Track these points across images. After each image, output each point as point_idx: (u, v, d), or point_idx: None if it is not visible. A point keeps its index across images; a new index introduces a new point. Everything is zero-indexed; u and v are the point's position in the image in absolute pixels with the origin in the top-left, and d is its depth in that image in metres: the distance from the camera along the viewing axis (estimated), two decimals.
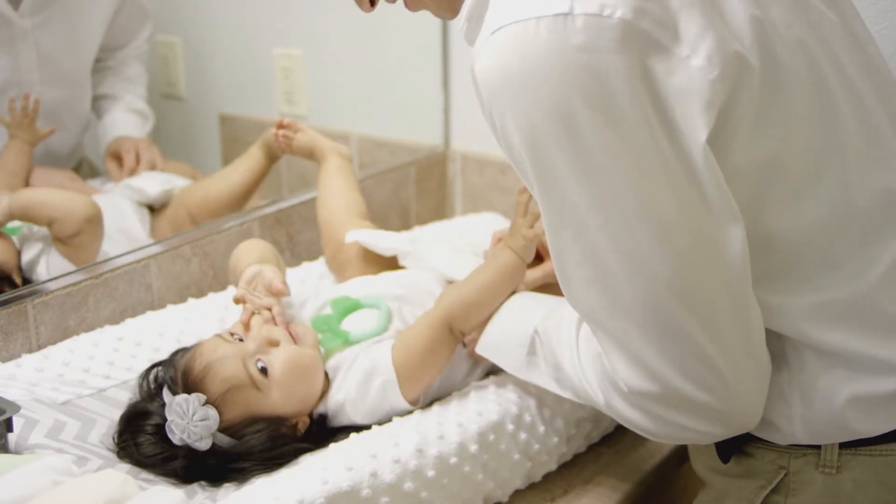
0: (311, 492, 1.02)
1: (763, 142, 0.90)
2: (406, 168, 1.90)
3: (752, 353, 0.92)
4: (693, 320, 0.89)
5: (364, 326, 1.26)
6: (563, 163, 0.86)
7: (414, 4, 1.04)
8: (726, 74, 0.86)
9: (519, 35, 0.84)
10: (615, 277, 0.89)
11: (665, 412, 0.93)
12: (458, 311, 1.21)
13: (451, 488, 1.12)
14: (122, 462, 1.17)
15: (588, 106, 0.84)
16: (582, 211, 0.87)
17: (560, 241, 0.91)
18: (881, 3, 1.38)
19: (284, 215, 1.68)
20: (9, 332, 1.32)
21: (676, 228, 0.87)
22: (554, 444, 1.23)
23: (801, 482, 1.00)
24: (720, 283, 0.89)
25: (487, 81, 0.87)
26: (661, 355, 0.90)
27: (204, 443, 1.13)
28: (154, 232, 1.66)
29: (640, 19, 0.84)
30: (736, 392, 0.91)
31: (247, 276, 1.27)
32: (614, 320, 0.91)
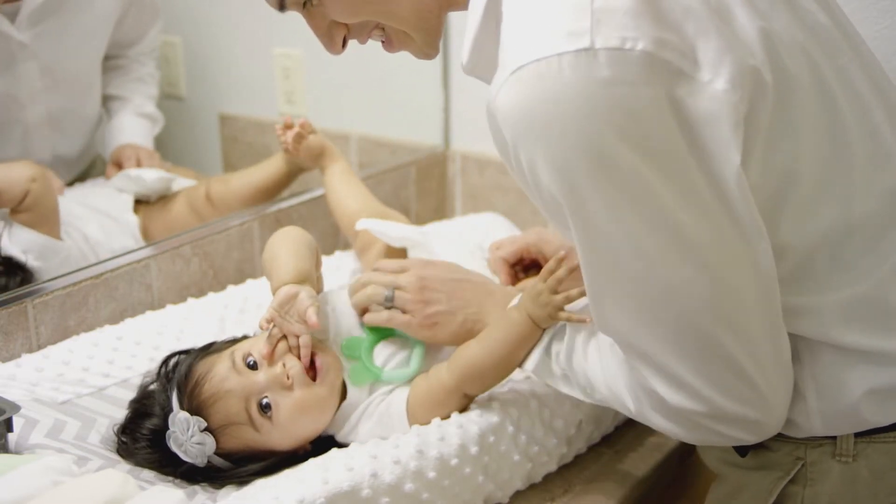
0: (311, 492, 1.01)
1: (777, 156, 0.91)
2: (406, 168, 1.90)
3: (781, 362, 0.95)
4: (731, 339, 0.90)
5: (397, 365, 1.22)
6: (598, 197, 0.86)
7: (393, 46, 1.04)
8: (745, 93, 0.87)
9: (542, 74, 0.84)
10: (653, 305, 0.90)
11: (706, 424, 0.96)
12: (471, 379, 1.17)
13: (451, 490, 1.12)
14: (122, 462, 1.17)
15: (620, 140, 0.84)
16: (617, 242, 0.88)
17: (595, 273, 0.93)
18: (881, 3, 1.38)
19: (284, 215, 1.68)
20: (9, 332, 1.32)
21: (711, 253, 0.88)
22: (554, 444, 1.23)
23: (818, 472, 1.02)
24: (754, 300, 0.91)
25: (512, 122, 0.87)
26: (701, 376, 0.92)
27: (199, 462, 1.14)
28: (148, 225, 1.67)
29: (662, 50, 0.84)
30: (770, 402, 0.94)
31: (281, 298, 1.17)
32: (653, 346, 0.93)
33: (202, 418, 1.12)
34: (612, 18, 0.84)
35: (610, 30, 0.83)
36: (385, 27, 1.03)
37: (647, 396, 0.98)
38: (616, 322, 0.95)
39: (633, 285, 0.91)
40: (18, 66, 1.62)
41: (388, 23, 1.02)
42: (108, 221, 1.63)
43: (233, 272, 1.61)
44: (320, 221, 1.73)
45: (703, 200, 0.87)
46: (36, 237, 1.46)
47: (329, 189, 1.56)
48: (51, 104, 1.68)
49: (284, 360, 1.15)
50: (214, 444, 1.13)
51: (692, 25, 0.86)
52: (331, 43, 1.04)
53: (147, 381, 1.22)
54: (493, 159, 1.88)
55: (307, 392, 1.14)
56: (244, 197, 1.68)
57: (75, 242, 1.55)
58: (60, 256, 1.49)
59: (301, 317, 1.15)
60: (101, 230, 1.60)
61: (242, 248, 1.62)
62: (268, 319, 1.16)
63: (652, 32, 0.84)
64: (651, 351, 0.94)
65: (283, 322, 1.16)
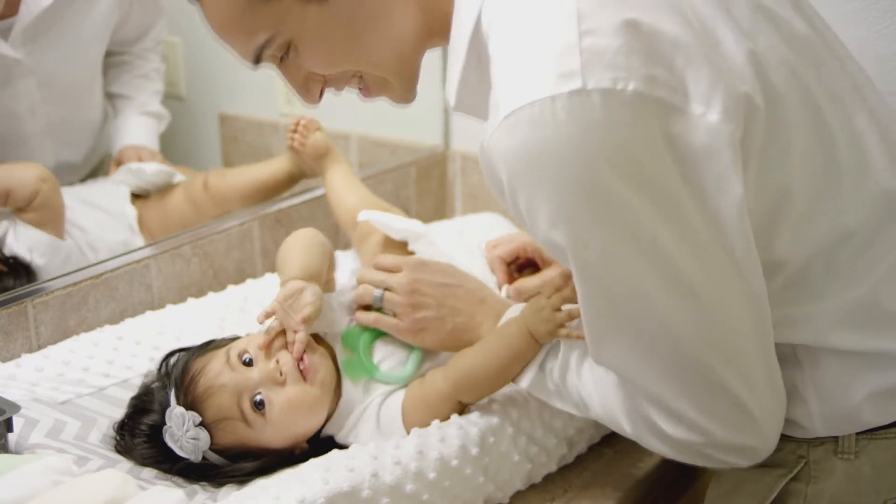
0: (311, 492, 1.01)
1: (770, 175, 0.92)
2: (406, 168, 1.90)
3: (774, 387, 0.95)
4: (727, 370, 0.91)
5: (394, 365, 1.22)
6: (596, 237, 0.87)
7: (371, 93, 1.04)
8: (739, 121, 0.87)
9: (536, 117, 0.84)
10: (651, 340, 0.91)
11: (702, 452, 0.97)
12: (466, 388, 1.17)
13: (452, 490, 1.11)
14: (122, 462, 1.17)
15: (617, 180, 0.84)
16: (616, 280, 0.89)
17: (593, 309, 0.93)
18: (881, 4, 1.38)
19: (284, 215, 1.68)
20: (9, 332, 1.32)
21: (707, 288, 0.88)
22: (553, 445, 1.23)
23: (821, 470, 1.03)
24: (749, 331, 0.91)
25: (509, 166, 0.87)
26: (699, 408, 0.93)
27: (194, 457, 1.14)
28: (145, 216, 1.67)
29: (653, 88, 0.84)
30: (764, 429, 0.95)
31: (287, 291, 1.18)
32: (650, 380, 0.94)
33: (197, 413, 1.13)
34: (602, 58, 0.83)
35: (601, 70, 0.83)
36: (363, 75, 1.02)
37: (644, 423, 0.99)
38: (613, 356, 0.95)
39: (630, 321, 0.91)
40: (16, 83, 1.61)
41: (367, 70, 1.01)
42: (104, 216, 1.63)
43: (233, 272, 1.61)
44: (320, 221, 1.73)
45: (699, 237, 0.87)
46: (41, 236, 1.47)
47: (330, 186, 1.57)
48: (51, 115, 1.68)
49: (279, 357, 1.16)
50: (209, 439, 1.13)
51: (681, 58, 0.86)
52: (308, 95, 1.03)
53: (149, 380, 1.23)
54: None
55: (299, 389, 1.15)
56: (241, 191, 1.69)
57: (74, 240, 1.55)
58: (62, 255, 1.49)
59: (301, 310, 1.16)
60: (97, 224, 1.60)
61: (242, 248, 1.62)
62: (268, 311, 1.17)
63: (642, 70, 0.84)
64: (648, 384, 0.94)
65: (284, 315, 1.16)
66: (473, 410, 1.19)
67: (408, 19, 0.98)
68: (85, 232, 1.57)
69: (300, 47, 0.97)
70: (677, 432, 0.95)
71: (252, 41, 0.96)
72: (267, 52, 0.97)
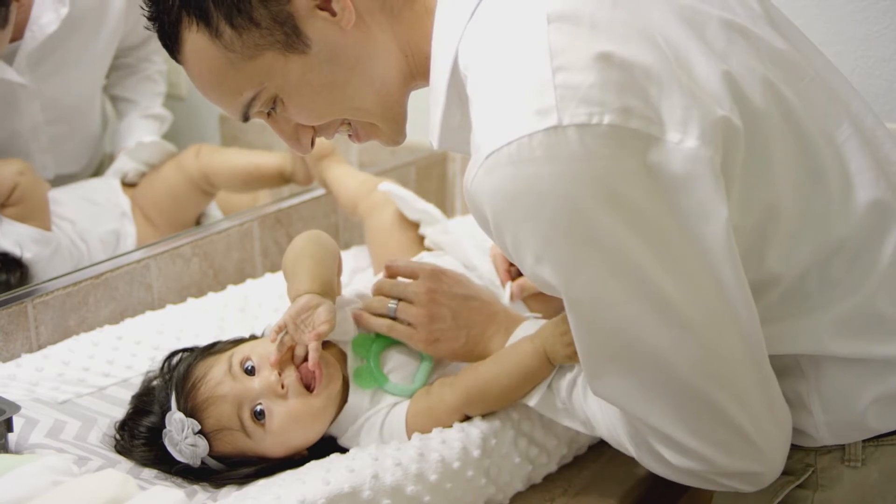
0: (312, 492, 1.01)
1: (755, 194, 0.91)
2: (406, 168, 1.90)
3: (774, 411, 0.95)
4: (724, 396, 0.91)
5: (403, 375, 1.21)
6: (582, 270, 0.87)
7: (360, 138, 1.04)
8: (718, 145, 0.86)
9: (514, 156, 0.84)
10: (646, 370, 0.91)
11: (706, 478, 0.97)
12: (474, 402, 1.16)
13: (454, 493, 1.11)
14: (122, 462, 1.17)
15: (598, 212, 0.84)
16: (605, 313, 0.89)
17: (586, 343, 0.93)
18: (881, 4, 1.38)
19: (284, 215, 1.68)
20: (9, 332, 1.32)
21: (696, 316, 0.88)
22: (554, 446, 1.23)
23: (828, 477, 1.04)
24: (743, 355, 0.91)
25: (492, 207, 0.87)
26: (698, 437, 0.93)
27: (193, 462, 1.14)
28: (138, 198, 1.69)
29: (628, 120, 0.84)
30: (767, 454, 0.95)
31: (299, 306, 1.15)
32: (648, 411, 0.94)
33: (196, 421, 1.12)
34: (576, 93, 0.83)
35: (575, 105, 0.83)
36: (352, 122, 1.02)
37: (647, 450, 0.99)
38: (610, 389, 0.95)
39: (622, 355, 0.91)
40: (20, 105, 1.62)
41: (354, 117, 1.01)
42: (94, 207, 1.64)
43: (233, 272, 1.61)
44: (320, 221, 1.74)
45: (686, 266, 0.87)
46: (26, 230, 1.46)
47: (334, 174, 1.57)
48: (53, 134, 1.68)
49: (282, 368, 1.15)
50: (207, 447, 1.13)
51: (654, 88, 0.86)
52: (299, 145, 1.03)
53: (151, 376, 1.22)
54: None
55: (301, 402, 1.14)
56: (228, 168, 1.70)
57: (63, 231, 1.55)
58: (52, 246, 1.48)
59: (315, 328, 1.14)
60: (86, 215, 1.60)
61: (242, 248, 1.62)
62: (280, 327, 1.15)
63: (616, 103, 0.83)
64: (646, 416, 0.94)
65: (296, 331, 1.15)
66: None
67: (390, 63, 0.98)
68: (74, 223, 1.57)
69: (286, 100, 0.97)
70: (680, 461, 0.96)
71: (238, 99, 0.96)
72: (254, 108, 0.98)
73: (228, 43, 0.92)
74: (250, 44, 0.92)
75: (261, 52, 0.93)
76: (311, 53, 0.94)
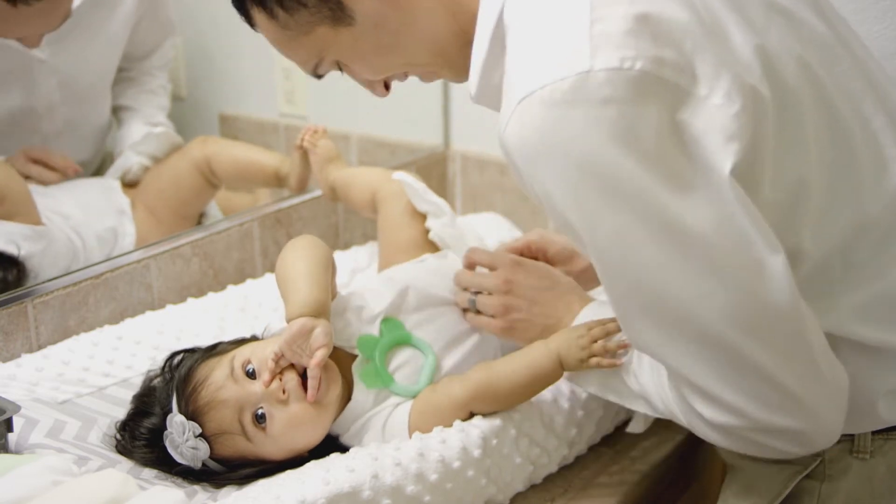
0: (312, 492, 1.01)
1: (786, 170, 0.93)
2: (406, 168, 1.89)
3: (819, 370, 0.94)
4: (755, 349, 0.91)
5: (408, 374, 1.20)
6: (606, 215, 0.88)
7: (428, 77, 1.09)
8: (746, 107, 0.88)
9: (545, 100, 0.86)
10: (674, 320, 0.92)
11: (751, 437, 0.96)
12: (483, 399, 1.16)
13: (454, 493, 1.11)
14: (122, 461, 1.17)
15: (622, 155, 0.86)
16: (631, 258, 0.90)
17: (616, 293, 0.94)
18: (882, 3, 1.38)
19: (284, 215, 1.68)
20: (9, 332, 1.32)
21: (722, 262, 0.89)
22: (554, 446, 1.23)
23: (836, 468, 1.04)
24: (773, 309, 0.91)
25: (522, 150, 0.89)
26: (732, 389, 0.93)
27: (194, 465, 1.14)
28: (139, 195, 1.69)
29: (660, 68, 0.86)
30: (811, 410, 0.94)
31: (294, 332, 1.12)
32: (681, 361, 0.94)
33: (198, 424, 1.12)
34: (610, 40, 0.86)
35: (609, 50, 0.85)
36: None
37: (690, 410, 0.99)
38: (643, 338, 0.96)
39: (652, 303, 0.92)
40: (38, 82, 1.62)
41: (413, 71, 1.08)
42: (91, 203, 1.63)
43: (233, 272, 1.61)
44: (320, 221, 1.74)
45: (706, 211, 0.88)
46: (15, 227, 1.45)
47: (343, 172, 1.56)
48: (68, 114, 1.69)
49: (283, 374, 1.14)
50: (208, 450, 1.13)
51: (690, 42, 0.88)
52: (375, 92, 1.12)
53: (152, 377, 1.22)
54: (493, 159, 1.88)
55: (302, 408, 1.14)
56: (230, 158, 1.71)
57: (56, 226, 1.54)
58: (45, 241, 1.48)
59: (312, 353, 1.13)
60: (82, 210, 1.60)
61: (242, 248, 1.62)
62: (277, 354, 1.13)
63: (650, 51, 0.86)
64: (680, 367, 0.95)
65: (294, 356, 1.14)
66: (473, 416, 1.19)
67: (435, 24, 1.03)
68: (68, 218, 1.57)
69: (347, 64, 1.07)
70: (716, 416, 0.95)
71: (306, 65, 1.08)
72: (321, 70, 1.09)
73: (283, 23, 1.03)
74: (302, 22, 1.02)
75: (313, 28, 1.02)
76: (356, 24, 1.02)
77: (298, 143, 1.61)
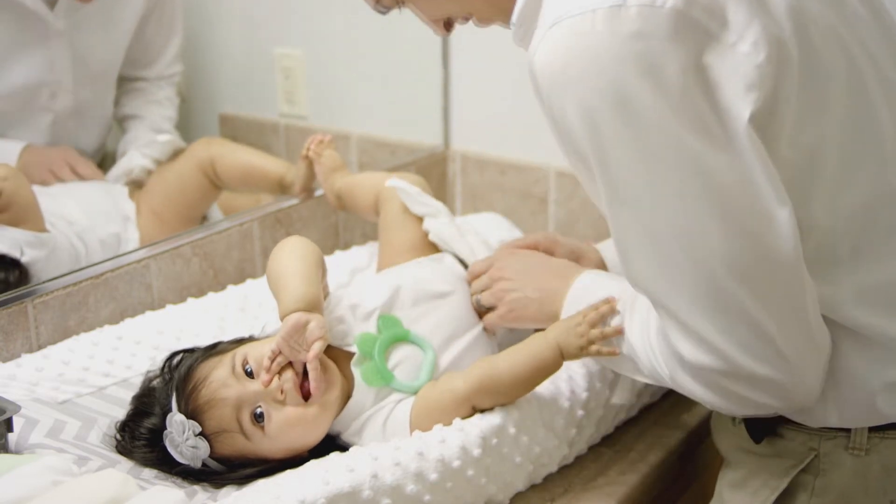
0: (312, 492, 1.01)
1: (805, 132, 0.94)
2: (406, 168, 1.90)
3: (809, 328, 0.96)
4: (748, 295, 0.92)
5: (409, 374, 1.20)
6: (621, 143, 0.91)
7: (484, 22, 1.11)
8: (772, 58, 0.90)
9: (576, 27, 0.89)
10: (673, 255, 0.93)
11: (728, 385, 0.97)
12: (485, 392, 1.16)
13: (454, 492, 1.11)
14: (122, 461, 1.17)
15: (642, 88, 0.88)
16: (639, 189, 0.92)
17: (619, 222, 0.96)
18: None
19: (284, 215, 1.68)
20: (9, 332, 1.32)
21: (729, 205, 0.91)
22: (554, 445, 1.23)
23: (830, 463, 1.05)
24: (772, 261, 0.92)
25: (547, 75, 0.92)
26: (719, 331, 0.94)
27: (194, 464, 1.14)
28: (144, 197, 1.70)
29: (691, 8, 0.88)
30: (793, 363, 0.95)
31: (289, 328, 1.14)
32: (673, 297, 0.96)
33: (197, 423, 1.13)
34: None
35: None
36: None
37: (673, 357, 1.00)
38: (640, 272, 0.97)
39: (654, 236, 0.94)
40: (53, 54, 1.64)
41: (471, 16, 1.10)
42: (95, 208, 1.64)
43: (233, 272, 1.61)
44: (320, 221, 1.74)
45: (722, 154, 0.90)
46: (20, 234, 1.45)
47: (347, 180, 1.56)
48: (79, 95, 1.70)
49: (282, 373, 1.15)
50: (208, 449, 1.13)
51: None
52: (436, 31, 1.13)
53: (151, 377, 1.23)
54: (493, 159, 1.88)
55: (299, 409, 1.14)
56: (234, 161, 1.72)
57: (60, 231, 1.54)
58: (48, 248, 1.48)
59: (309, 346, 1.14)
60: (86, 216, 1.60)
61: (242, 248, 1.62)
62: (274, 352, 1.14)
63: None
64: (673, 305, 0.96)
65: (291, 353, 1.14)
66: (475, 411, 1.19)
67: None
68: (72, 223, 1.57)
69: (408, 4, 1.09)
70: (699, 357, 0.96)
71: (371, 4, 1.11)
72: (381, 6, 1.10)
73: None
74: None
75: None
76: None
77: (304, 152, 1.61)
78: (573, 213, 1.79)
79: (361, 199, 1.52)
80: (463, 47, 1.87)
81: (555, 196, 1.81)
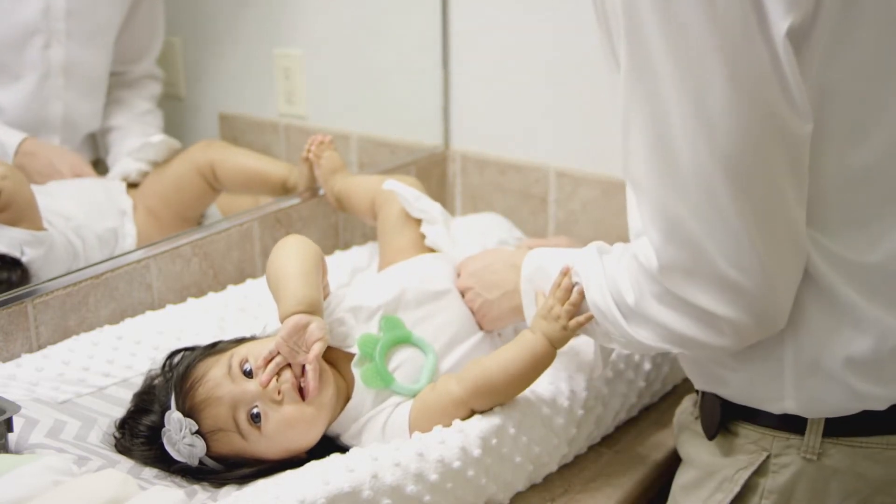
0: (312, 492, 1.01)
1: (834, 66, 0.93)
2: (406, 168, 1.90)
3: (794, 245, 0.95)
4: (738, 193, 0.92)
5: (409, 377, 1.21)
6: (653, 17, 0.89)
7: None
8: None
9: None
10: (675, 143, 0.92)
11: (694, 293, 0.97)
12: (481, 394, 1.16)
13: (454, 492, 1.11)
14: (122, 461, 1.17)
15: None
16: (660, 67, 0.91)
17: (631, 100, 0.95)
18: None
19: (284, 215, 1.68)
20: (9, 332, 1.32)
21: (747, 103, 0.90)
22: (554, 445, 1.23)
23: (781, 465, 1.05)
24: (775, 173, 0.92)
25: None
26: (699, 221, 0.94)
27: (191, 462, 1.14)
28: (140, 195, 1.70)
29: None
30: (770, 276, 0.94)
31: (289, 329, 1.14)
32: (663, 188, 0.95)
33: (194, 421, 1.13)
34: None
35: None
36: None
37: (641, 274, 1.01)
38: (636, 154, 0.97)
39: (662, 114, 0.93)
40: (51, 24, 1.65)
41: None
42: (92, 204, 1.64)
43: (233, 272, 1.61)
44: (320, 221, 1.74)
45: (754, 50, 0.88)
46: (18, 233, 1.45)
47: (347, 182, 1.57)
48: (71, 52, 1.69)
49: (279, 374, 1.15)
50: (205, 447, 1.13)
51: None
52: None
53: (152, 375, 1.23)
54: (493, 159, 1.88)
55: (296, 409, 1.14)
56: (235, 165, 1.71)
57: (57, 228, 1.54)
58: (45, 246, 1.48)
59: (308, 347, 1.14)
60: (83, 212, 1.60)
61: (242, 248, 1.62)
62: (273, 352, 1.14)
63: None
64: (660, 193, 0.95)
65: (290, 354, 1.14)
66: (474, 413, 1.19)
67: None
68: (69, 219, 1.57)
69: None
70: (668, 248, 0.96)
71: None
72: None
73: None
74: None
75: None
76: None
77: (305, 154, 1.62)
78: (573, 213, 1.79)
79: (358, 204, 1.53)
80: (463, 46, 1.87)
81: (555, 196, 1.81)
